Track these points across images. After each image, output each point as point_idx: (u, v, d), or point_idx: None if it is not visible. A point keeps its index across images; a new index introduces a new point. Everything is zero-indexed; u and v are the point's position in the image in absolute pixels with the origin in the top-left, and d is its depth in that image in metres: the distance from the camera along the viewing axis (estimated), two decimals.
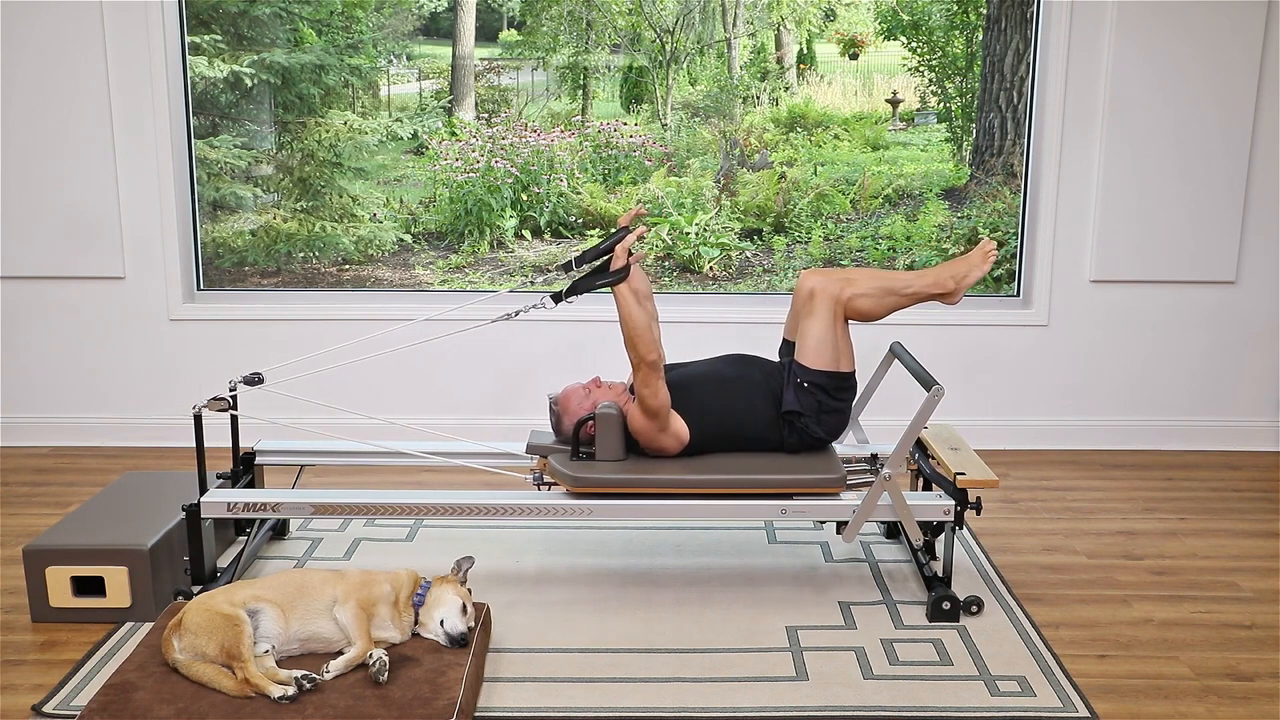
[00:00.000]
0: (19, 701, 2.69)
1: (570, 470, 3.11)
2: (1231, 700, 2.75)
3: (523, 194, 4.69)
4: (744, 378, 3.25)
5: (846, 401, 3.24)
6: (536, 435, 3.32)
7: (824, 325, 3.16)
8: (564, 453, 3.19)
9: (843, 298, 3.16)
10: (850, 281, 3.19)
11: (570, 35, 4.65)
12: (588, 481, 3.10)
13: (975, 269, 3.21)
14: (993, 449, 4.54)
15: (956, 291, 3.22)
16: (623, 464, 3.14)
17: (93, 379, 4.60)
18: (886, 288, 3.19)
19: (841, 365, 3.19)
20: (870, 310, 3.20)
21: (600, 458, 3.14)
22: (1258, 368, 4.63)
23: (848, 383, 3.22)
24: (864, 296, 3.18)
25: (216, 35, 4.50)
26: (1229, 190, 4.43)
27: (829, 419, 3.22)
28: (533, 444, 3.27)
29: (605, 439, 3.13)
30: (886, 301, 3.20)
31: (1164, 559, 3.58)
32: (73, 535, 3.10)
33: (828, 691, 2.74)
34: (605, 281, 3.08)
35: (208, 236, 4.63)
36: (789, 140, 4.68)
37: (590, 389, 3.22)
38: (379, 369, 4.45)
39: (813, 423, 3.20)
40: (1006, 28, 4.52)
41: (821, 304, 3.16)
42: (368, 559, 3.51)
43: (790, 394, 3.20)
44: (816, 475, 3.13)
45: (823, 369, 3.17)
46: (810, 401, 3.18)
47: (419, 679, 2.57)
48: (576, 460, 3.15)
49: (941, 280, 3.21)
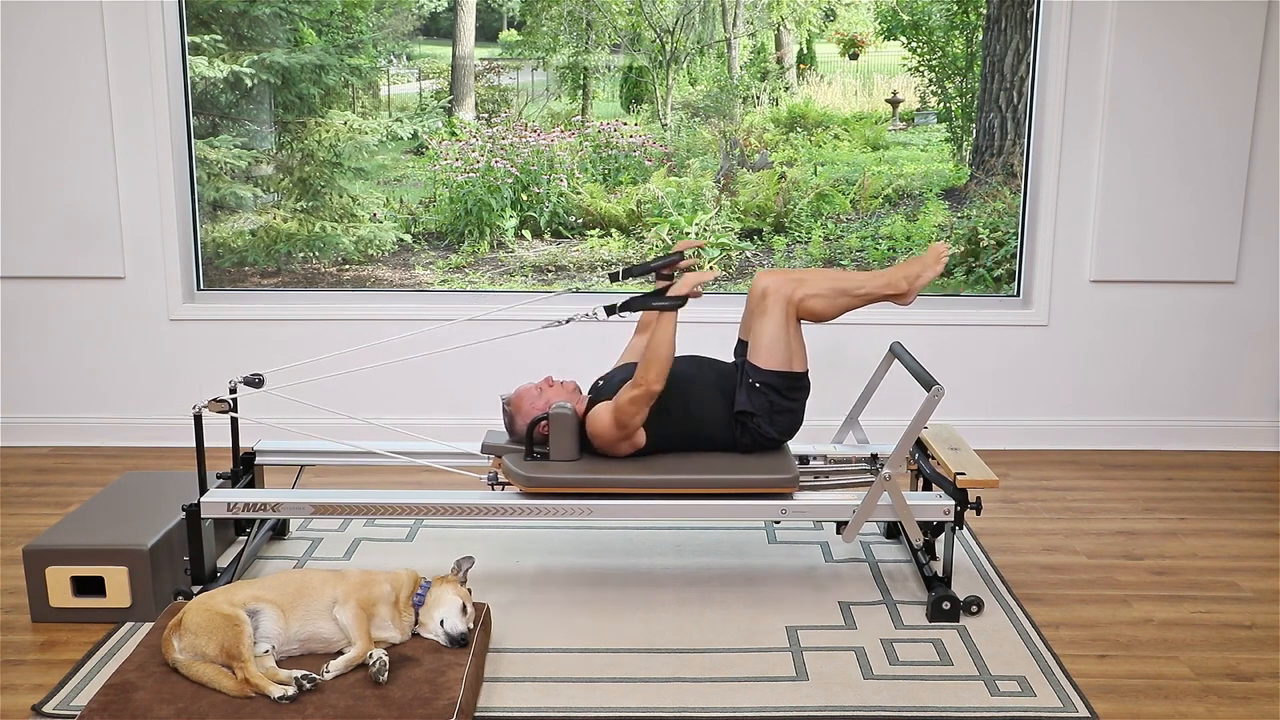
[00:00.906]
0: (19, 701, 2.69)
1: (524, 470, 3.11)
2: (1231, 700, 2.75)
3: (523, 194, 4.69)
4: (698, 378, 3.24)
5: (799, 401, 3.23)
6: (492, 435, 3.31)
7: (776, 325, 3.16)
8: (518, 453, 3.18)
9: (795, 298, 3.16)
10: (803, 282, 3.18)
11: (570, 35, 4.65)
12: (541, 481, 3.09)
13: (928, 270, 3.21)
14: (993, 449, 4.54)
15: (910, 292, 3.23)
16: (576, 464, 3.14)
17: (93, 379, 4.60)
18: (839, 288, 3.19)
19: (794, 365, 3.19)
20: (822, 311, 3.20)
21: (554, 457, 3.13)
22: (1258, 368, 4.63)
23: (800, 383, 3.22)
24: (816, 297, 3.18)
25: (216, 35, 4.50)
26: (1229, 190, 4.43)
27: (781, 419, 3.21)
28: (487, 444, 3.27)
29: (559, 439, 3.12)
30: (839, 302, 3.20)
31: (1164, 559, 3.58)
32: (73, 535, 3.10)
33: (828, 691, 2.74)
34: (663, 305, 3.06)
35: (208, 236, 4.63)
36: (789, 140, 4.68)
37: (543, 388, 3.22)
38: (380, 369, 4.45)
39: (765, 423, 3.19)
40: (1006, 28, 4.52)
41: (774, 304, 3.16)
42: (368, 559, 3.51)
43: (743, 394, 3.19)
44: (769, 476, 3.12)
45: (775, 369, 3.16)
46: (762, 402, 3.17)
47: (419, 679, 2.57)
48: (530, 460, 3.14)
49: (894, 281, 3.22)
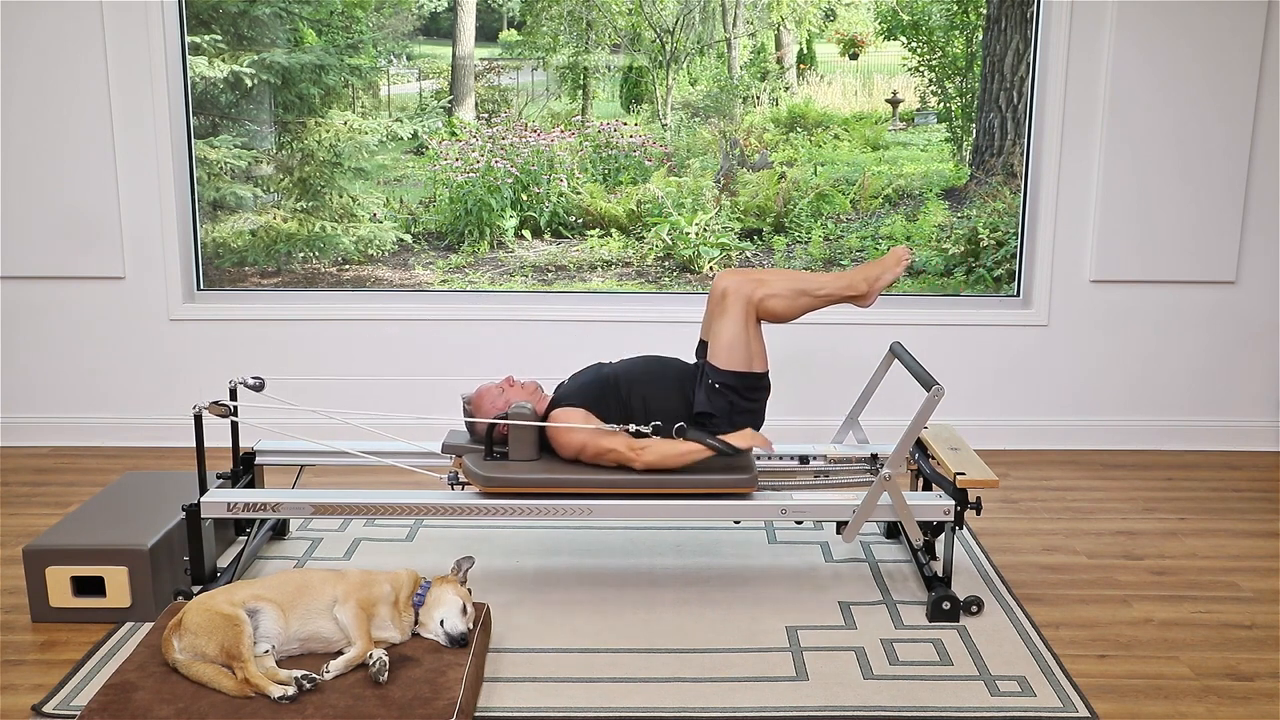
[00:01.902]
0: (19, 701, 2.69)
1: (483, 470, 3.10)
2: (1231, 700, 2.75)
3: (523, 194, 4.69)
4: (660, 377, 3.23)
5: (759, 402, 3.22)
6: (453, 435, 3.31)
7: (736, 326, 3.15)
8: (478, 452, 3.18)
9: (755, 298, 3.15)
10: (763, 282, 3.18)
11: (570, 35, 4.64)
12: (500, 481, 3.08)
13: (888, 272, 3.22)
14: (993, 449, 4.54)
15: (870, 294, 3.23)
16: (535, 464, 3.14)
17: (93, 379, 4.60)
18: (799, 289, 3.18)
19: (754, 366, 3.18)
20: (782, 311, 3.19)
21: (513, 457, 3.13)
22: (1258, 368, 4.63)
23: (760, 383, 3.21)
24: (776, 297, 3.17)
25: (216, 35, 4.50)
26: (1229, 190, 4.43)
27: (741, 419, 3.19)
28: (448, 444, 3.27)
29: (518, 439, 3.12)
30: (799, 303, 3.19)
31: (1164, 559, 3.58)
32: (73, 535, 3.10)
33: (828, 691, 2.74)
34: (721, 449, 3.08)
35: (208, 236, 4.63)
36: (789, 140, 4.68)
37: (504, 388, 3.23)
38: (380, 370, 4.46)
39: (725, 424, 3.17)
40: (1006, 28, 4.52)
41: (734, 304, 3.15)
42: (368, 559, 3.51)
43: (702, 395, 3.18)
44: (728, 476, 3.11)
45: (734, 369, 3.16)
46: (722, 403, 3.16)
47: (419, 679, 2.57)
48: (490, 460, 3.14)
49: (854, 283, 3.22)
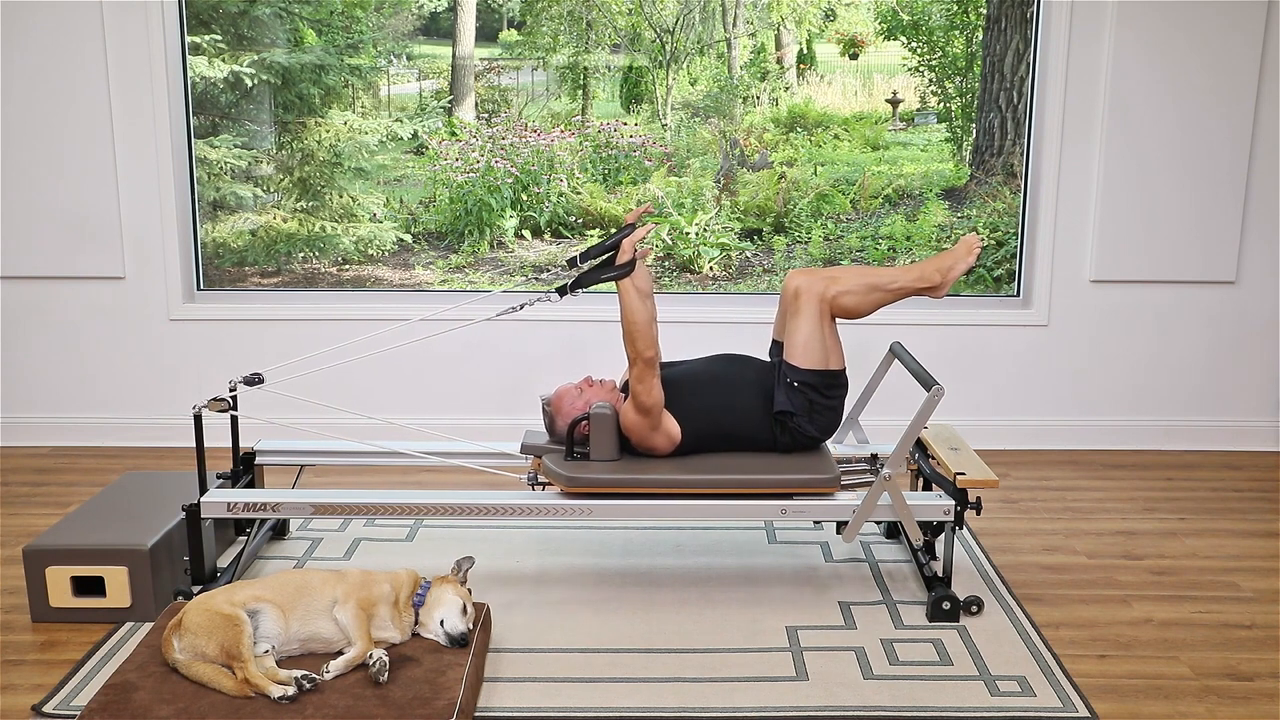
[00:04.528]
0: (19, 701, 2.69)
1: (565, 470, 3.11)
2: (1231, 700, 2.75)
3: (523, 194, 4.69)
4: (737, 377, 3.25)
5: (838, 399, 3.23)
6: (531, 435, 3.32)
7: (811, 324, 3.15)
8: (558, 453, 3.19)
9: (828, 296, 3.16)
10: (835, 279, 3.18)
11: (570, 35, 4.64)
12: (582, 481, 3.10)
13: (961, 262, 3.19)
14: (993, 449, 4.54)
15: (943, 285, 3.21)
16: (617, 464, 3.14)
17: (93, 379, 4.60)
18: (871, 284, 3.18)
19: (831, 363, 3.18)
20: (856, 307, 3.19)
21: (594, 457, 3.14)
22: (1258, 368, 4.63)
23: (838, 380, 3.22)
24: (849, 294, 3.17)
25: (216, 35, 4.50)
26: (1229, 190, 4.43)
27: (821, 418, 3.21)
28: (527, 444, 3.27)
29: (599, 438, 3.13)
30: (872, 298, 3.19)
31: (1164, 559, 3.58)
32: (73, 535, 3.10)
33: (828, 691, 2.74)
34: (610, 275, 3.08)
35: (208, 236, 4.63)
36: (789, 140, 4.68)
37: (583, 388, 3.22)
38: (379, 369, 4.46)
39: (805, 422, 3.19)
40: (1006, 28, 4.52)
41: (807, 303, 3.16)
42: (368, 559, 3.51)
43: (781, 394, 3.19)
44: (811, 475, 3.13)
45: (812, 368, 3.16)
46: (801, 401, 3.17)
47: (419, 679, 2.57)
48: (571, 460, 3.15)
49: (927, 274, 3.20)
